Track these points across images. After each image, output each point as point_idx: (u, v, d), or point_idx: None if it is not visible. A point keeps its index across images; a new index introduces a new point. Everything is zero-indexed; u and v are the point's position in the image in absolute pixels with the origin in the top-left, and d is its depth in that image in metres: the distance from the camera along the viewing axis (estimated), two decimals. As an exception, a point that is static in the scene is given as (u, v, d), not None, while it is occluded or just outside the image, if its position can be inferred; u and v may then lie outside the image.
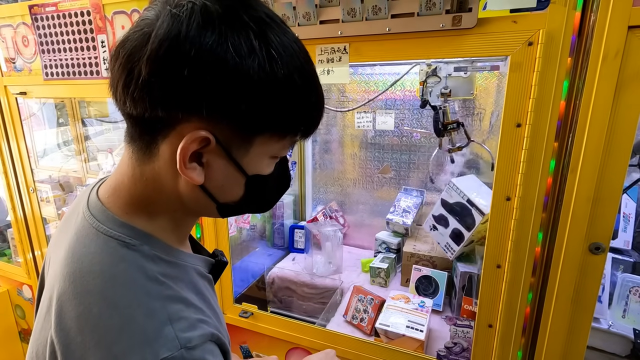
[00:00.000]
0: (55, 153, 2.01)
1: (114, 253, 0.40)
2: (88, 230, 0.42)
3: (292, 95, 0.39)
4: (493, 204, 0.78)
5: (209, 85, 0.35)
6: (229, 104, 0.36)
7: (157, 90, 0.36)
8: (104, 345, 0.36)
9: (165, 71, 0.35)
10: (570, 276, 0.74)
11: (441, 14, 0.72)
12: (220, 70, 0.35)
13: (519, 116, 0.72)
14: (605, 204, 0.69)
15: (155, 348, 0.36)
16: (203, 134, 0.37)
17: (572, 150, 0.70)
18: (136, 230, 0.42)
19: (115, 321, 0.37)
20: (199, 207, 0.45)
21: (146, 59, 0.35)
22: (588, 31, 0.65)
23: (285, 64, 0.37)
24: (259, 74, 0.36)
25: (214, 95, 0.36)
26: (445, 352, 0.97)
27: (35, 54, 1.26)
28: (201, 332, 0.39)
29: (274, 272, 1.51)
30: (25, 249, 1.59)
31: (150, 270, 0.41)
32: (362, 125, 1.54)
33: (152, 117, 0.37)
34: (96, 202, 0.45)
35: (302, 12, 0.82)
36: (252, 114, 0.38)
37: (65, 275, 0.40)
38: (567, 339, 0.77)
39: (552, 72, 0.68)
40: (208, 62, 0.35)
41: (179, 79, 0.35)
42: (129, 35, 0.37)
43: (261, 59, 0.35)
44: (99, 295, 0.38)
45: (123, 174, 0.44)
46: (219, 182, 0.42)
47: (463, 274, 1.13)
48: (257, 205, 0.50)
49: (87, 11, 1.11)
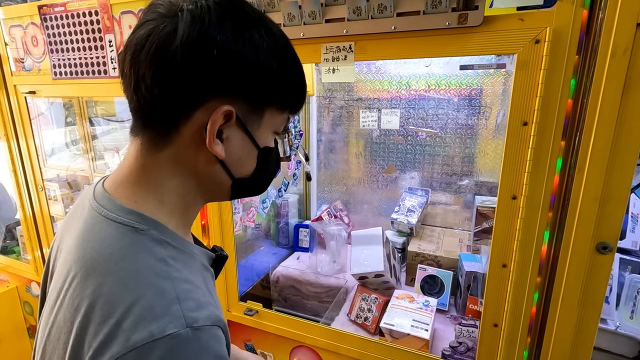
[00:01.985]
0: (63, 152, 2.03)
1: (123, 237, 0.42)
2: (97, 219, 0.44)
3: (290, 71, 0.47)
4: (499, 203, 0.78)
5: (232, 67, 0.42)
6: (246, 82, 0.43)
7: (190, 73, 0.41)
8: (114, 320, 0.37)
9: (197, 56, 0.40)
10: (577, 276, 0.73)
11: (447, 12, 0.72)
12: (240, 54, 0.42)
13: (525, 114, 0.71)
14: (613, 203, 0.68)
15: (163, 324, 0.37)
16: (227, 108, 0.42)
17: (579, 149, 0.69)
18: (144, 216, 0.44)
19: (125, 299, 0.38)
20: (214, 186, 0.49)
21: (180, 45, 0.40)
22: (596, 28, 0.65)
23: (283, 45, 0.46)
24: (268, 55, 0.43)
25: (235, 75, 0.42)
26: (450, 352, 0.96)
27: (44, 54, 1.28)
28: (207, 313, 0.41)
29: (278, 270, 1.52)
30: (34, 247, 1.61)
31: (158, 252, 0.42)
32: (367, 125, 1.54)
33: (180, 100, 0.42)
34: (103, 193, 0.47)
35: (308, 11, 0.82)
36: (264, 89, 0.45)
37: (76, 261, 0.42)
38: (574, 339, 0.76)
39: (559, 70, 0.68)
40: (230, 48, 0.41)
41: (208, 63, 0.41)
42: (150, 30, 0.41)
43: (268, 43, 0.43)
44: (110, 275, 0.40)
45: (130, 167, 0.46)
46: (236, 156, 0.47)
47: (468, 273, 1.13)
48: (261, 181, 0.54)
49: (95, 11, 1.12)
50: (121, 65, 0.44)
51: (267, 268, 1.56)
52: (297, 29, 0.85)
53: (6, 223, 1.95)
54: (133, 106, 0.45)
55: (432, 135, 1.52)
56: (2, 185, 1.96)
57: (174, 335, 0.37)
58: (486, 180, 1.50)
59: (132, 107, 0.45)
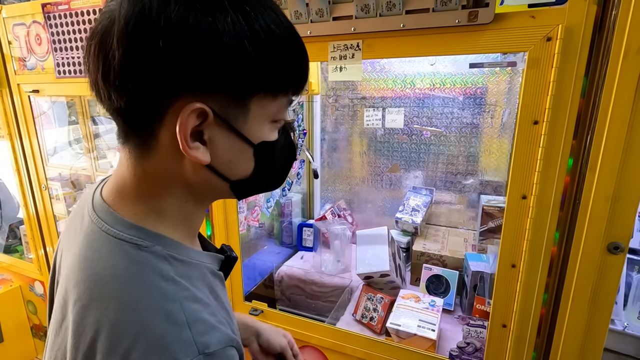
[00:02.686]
0: (66, 151, 2.02)
1: (126, 256, 0.39)
2: (97, 234, 0.41)
3: (274, 50, 0.37)
4: (508, 202, 0.77)
5: (188, 54, 0.34)
6: (214, 70, 0.35)
7: (137, 71, 0.34)
8: (121, 351, 0.35)
9: (138, 48, 0.33)
10: (587, 277, 0.72)
11: (457, 10, 0.71)
12: (195, 36, 0.33)
13: (536, 113, 0.71)
14: (625, 203, 0.68)
15: (174, 353, 0.35)
16: (198, 105, 0.36)
17: (591, 148, 0.68)
18: (146, 231, 0.41)
19: (132, 326, 0.36)
20: (211, 191, 0.45)
21: (117, 40, 0.33)
22: (609, 26, 0.64)
23: (263, 20, 0.36)
24: (235, 32, 0.34)
25: (196, 64, 0.34)
26: (457, 352, 0.96)
27: (47, 52, 1.27)
28: (219, 337, 0.38)
29: (282, 270, 1.51)
30: (37, 246, 1.61)
31: (165, 270, 0.39)
32: (372, 123, 1.53)
33: (142, 104, 0.36)
34: (102, 204, 0.43)
35: (315, 9, 0.81)
36: (240, 75, 0.36)
37: (79, 282, 0.39)
38: (584, 340, 0.76)
39: (571, 69, 0.67)
40: (181, 30, 0.33)
41: (155, 54, 0.33)
42: (96, 27, 0.36)
43: (234, 15, 0.34)
44: (115, 300, 0.37)
45: (124, 176, 0.43)
46: (226, 158, 0.41)
47: (475, 273, 1.12)
48: (269, 179, 0.48)
49: (100, 9, 1.11)
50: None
51: (271, 267, 1.56)
52: (304, 26, 0.84)
53: (9, 222, 1.95)
54: (108, 112, 0.40)
55: (437, 134, 1.52)
56: (4, 184, 1.96)
57: None
58: (491, 180, 1.49)
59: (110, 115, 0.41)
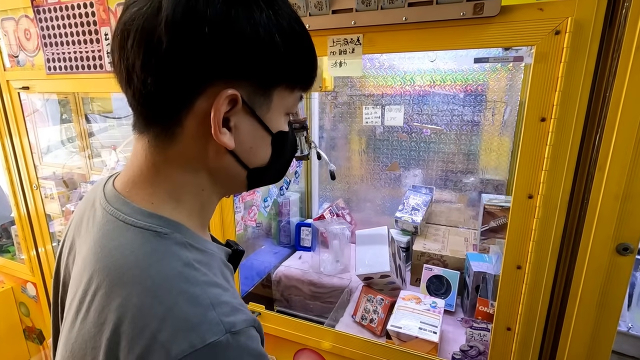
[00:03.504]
0: (59, 149, 1.99)
1: (146, 243, 0.40)
2: (114, 224, 0.42)
3: (297, 45, 0.42)
4: (514, 202, 0.74)
5: (228, 43, 0.37)
6: (249, 61, 0.39)
7: (181, 57, 0.37)
8: (149, 333, 0.35)
9: (186, 35, 0.36)
10: (595, 278, 0.70)
11: (462, 2, 0.68)
12: (236, 28, 0.37)
13: (543, 110, 0.68)
14: (635, 202, 0.65)
15: (201, 333, 0.35)
16: (231, 92, 0.38)
17: (600, 146, 0.66)
18: (165, 219, 0.42)
19: (156, 310, 0.36)
20: (228, 180, 0.46)
21: (163, 27, 0.35)
22: (620, 20, 0.61)
23: (288, 18, 0.40)
24: (269, 28, 0.38)
25: (234, 52, 0.37)
26: (460, 356, 0.94)
27: (37, 48, 1.24)
28: (243, 317, 0.39)
29: (280, 270, 1.49)
30: (29, 246, 1.57)
31: (184, 256, 0.40)
32: (371, 121, 1.51)
33: (176, 89, 0.38)
34: (116, 196, 0.44)
35: (314, 2, 0.78)
36: (269, 67, 0.40)
37: (97, 271, 0.39)
38: (591, 343, 0.73)
39: (581, 64, 0.64)
40: (224, 21, 0.36)
41: (200, 43, 0.36)
42: (133, 12, 0.37)
43: (267, 11, 0.38)
44: (137, 285, 0.37)
45: (141, 166, 0.43)
46: (248, 145, 0.43)
47: (477, 273, 1.10)
48: (278, 169, 0.51)
49: (90, 3, 1.08)
50: (112, 56, 0.41)
51: (269, 268, 1.53)
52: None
53: (1, 222, 1.91)
54: (130, 101, 0.41)
55: (437, 132, 1.49)
56: (-3, 183, 1.92)
57: (215, 343, 0.35)
58: (492, 178, 1.47)
59: (129, 102, 0.42)
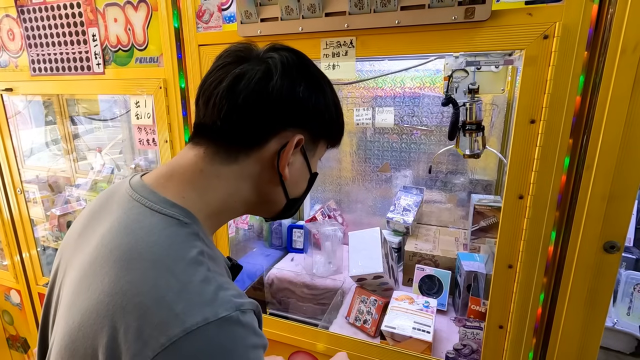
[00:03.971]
0: (43, 152, 1.94)
1: (168, 227, 0.44)
2: (140, 209, 0.46)
3: (338, 113, 0.57)
4: (505, 202, 0.76)
5: (305, 106, 0.51)
6: (314, 120, 0.53)
7: (278, 109, 0.49)
8: (165, 304, 0.38)
9: (287, 97, 0.49)
10: (584, 276, 0.72)
11: (453, 6, 0.69)
12: (310, 98, 0.51)
13: (533, 112, 0.70)
14: (621, 201, 0.67)
15: (214, 307, 0.39)
16: (300, 137, 0.51)
17: (587, 147, 0.68)
18: (187, 211, 0.47)
19: (173, 284, 0.40)
20: (267, 204, 0.56)
21: (275, 90, 0.48)
22: (606, 24, 0.63)
23: (334, 94, 0.56)
24: (325, 100, 0.53)
25: (306, 113, 0.51)
26: (454, 354, 0.95)
27: (21, 49, 1.20)
28: (249, 300, 0.44)
29: (272, 272, 1.48)
30: (13, 252, 1.52)
31: (199, 246, 0.45)
32: (362, 122, 1.52)
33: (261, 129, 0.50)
34: (144, 186, 0.49)
35: (307, 4, 0.79)
36: (322, 126, 0.55)
37: (117, 246, 0.43)
38: (580, 339, 0.75)
39: (568, 67, 0.66)
40: (308, 94, 0.51)
41: (292, 102, 0.50)
42: (244, 70, 0.48)
43: (329, 91, 0.55)
44: (156, 261, 0.41)
45: (186, 167, 0.50)
46: (295, 179, 0.54)
47: (468, 273, 1.11)
48: (298, 204, 0.60)
49: (77, 3, 1.06)
50: (203, 95, 0.50)
51: (261, 270, 1.52)
52: (295, 22, 0.81)
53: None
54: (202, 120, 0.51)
55: (427, 133, 1.51)
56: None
57: (227, 317, 0.39)
58: (481, 178, 1.50)
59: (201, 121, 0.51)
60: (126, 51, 1.05)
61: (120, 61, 1.07)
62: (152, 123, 1.06)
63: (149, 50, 1.03)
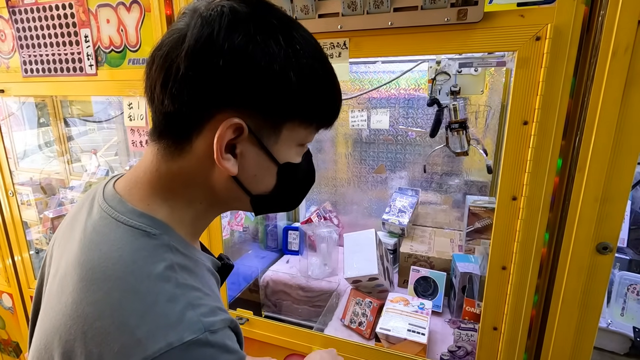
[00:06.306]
0: (36, 154, 1.92)
1: (134, 241, 0.41)
2: (106, 221, 0.43)
3: (316, 83, 0.43)
4: (498, 204, 0.76)
5: (241, 77, 0.39)
6: (259, 94, 0.40)
7: (195, 84, 0.39)
8: (127, 330, 0.36)
9: (201, 64, 0.38)
10: (577, 277, 0.72)
11: (446, 8, 0.69)
12: (250, 61, 0.38)
13: (525, 114, 0.70)
14: (614, 203, 0.68)
15: (180, 331, 0.36)
16: (236, 121, 0.40)
17: (580, 148, 0.68)
18: (156, 220, 0.43)
19: (136, 306, 0.37)
20: (231, 200, 0.48)
21: (184, 55, 0.38)
22: (597, 26, 0.64)
23: (308, 55, 0.41)
24: (285, 66, 0.39)
25: (245, 86, 0.39)
26: (449, 356, 0.95)
27: (13, 50, 1.19)
28: (222, 317, 0.40)
29: (267, 275, 1.47)
30: (5, 255, 1.51)
31: (168, 258, 0.41)
32: (357, 124, 1.51)
33: (189, 112, 0.40)
34: (114, 195, 0.45)
35: (300, 5, 0.78)
36: (280, 102, 0.41)
37: (81, 263, 0.40)
38: (574, 340, 0.75)
39: (560, 68, 0.66)
40: (240, 56, 0.38)
41: (214, 72, 0.38)
42: (163, 40, 0.41)
43: (285, 49, 0.39)
44: (119, 280, 0.38)
45: (146, 170, 0.45)
46: (251, 172, 0.45)
47: (463, 274, 1.11)
48: (286, 198, 0.51)
49: (70, 4, 1.05)
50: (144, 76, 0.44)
51: (256, 272, 1.52)
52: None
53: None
54: (152, 115, 0.45)
55: (422, 134, 1.51)
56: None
57: (194, 341, 0.37)
58: (476, 180, 1.50)
59: (152, 116, 0.45)
60: (119, 52, 1.05)
61: (113, 62, 1.07)
62: (145, 125, 1.06)
63: (142, 51, 1.02)
